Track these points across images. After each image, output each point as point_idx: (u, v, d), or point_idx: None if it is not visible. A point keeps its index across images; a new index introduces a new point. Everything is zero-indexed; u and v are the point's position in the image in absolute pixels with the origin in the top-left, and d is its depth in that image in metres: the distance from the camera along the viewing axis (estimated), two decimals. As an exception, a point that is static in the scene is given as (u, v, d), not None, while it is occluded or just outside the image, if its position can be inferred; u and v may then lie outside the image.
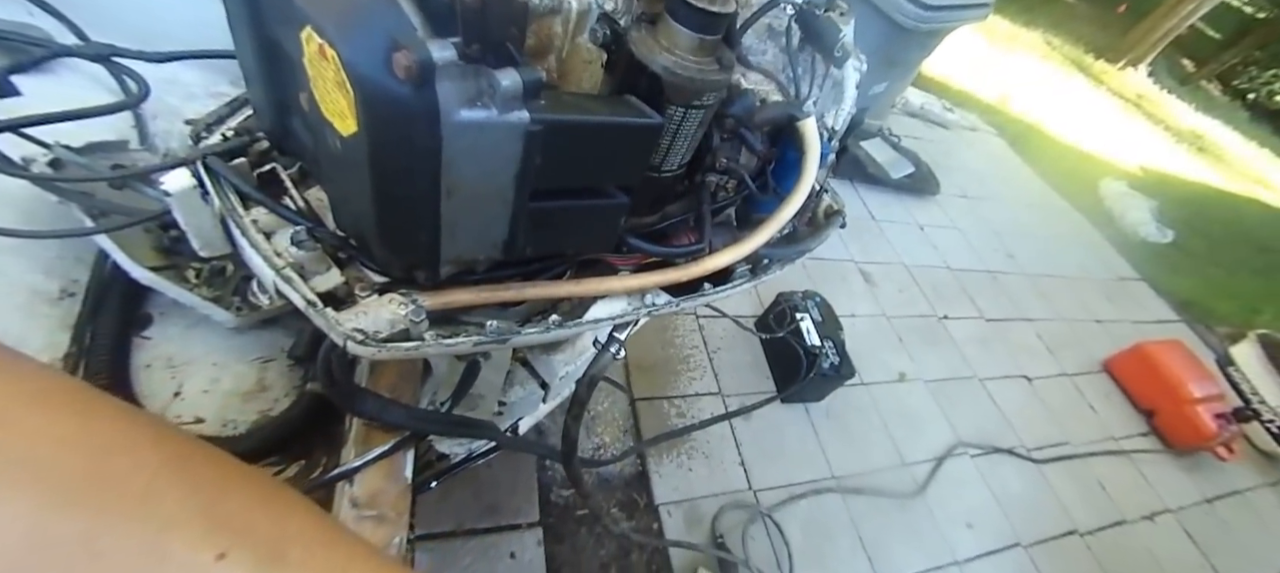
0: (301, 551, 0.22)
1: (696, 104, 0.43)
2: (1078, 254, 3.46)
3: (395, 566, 0.25)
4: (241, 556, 0.21)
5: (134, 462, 0.21)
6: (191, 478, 0.22)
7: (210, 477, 0.23)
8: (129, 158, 0.66)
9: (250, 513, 0.22)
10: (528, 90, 0.32)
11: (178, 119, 0.68)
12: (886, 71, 2.48)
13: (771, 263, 0.62)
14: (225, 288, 0.66)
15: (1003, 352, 2.54)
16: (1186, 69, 8.75)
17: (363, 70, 0.30)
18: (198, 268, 0.64)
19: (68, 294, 0.60)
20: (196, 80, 0.75)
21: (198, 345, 0.66)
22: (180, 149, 0.64)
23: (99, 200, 0.58)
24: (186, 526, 0.20)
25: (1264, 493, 2.56)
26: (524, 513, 1.40)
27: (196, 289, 0.63)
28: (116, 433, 0.21)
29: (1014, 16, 6.21)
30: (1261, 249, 4.82)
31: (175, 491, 0.21)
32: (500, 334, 0.46)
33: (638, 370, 1.76)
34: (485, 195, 0.37)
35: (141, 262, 0.58)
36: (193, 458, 0.23)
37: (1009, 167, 3.98)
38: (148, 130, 0.68)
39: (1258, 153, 7.39)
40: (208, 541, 0.20)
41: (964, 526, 1.86)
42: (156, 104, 0.65)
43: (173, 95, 0.71)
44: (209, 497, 0.22)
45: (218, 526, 0.21)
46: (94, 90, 0.67)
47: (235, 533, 0.21)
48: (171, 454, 0.22)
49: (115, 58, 0.64)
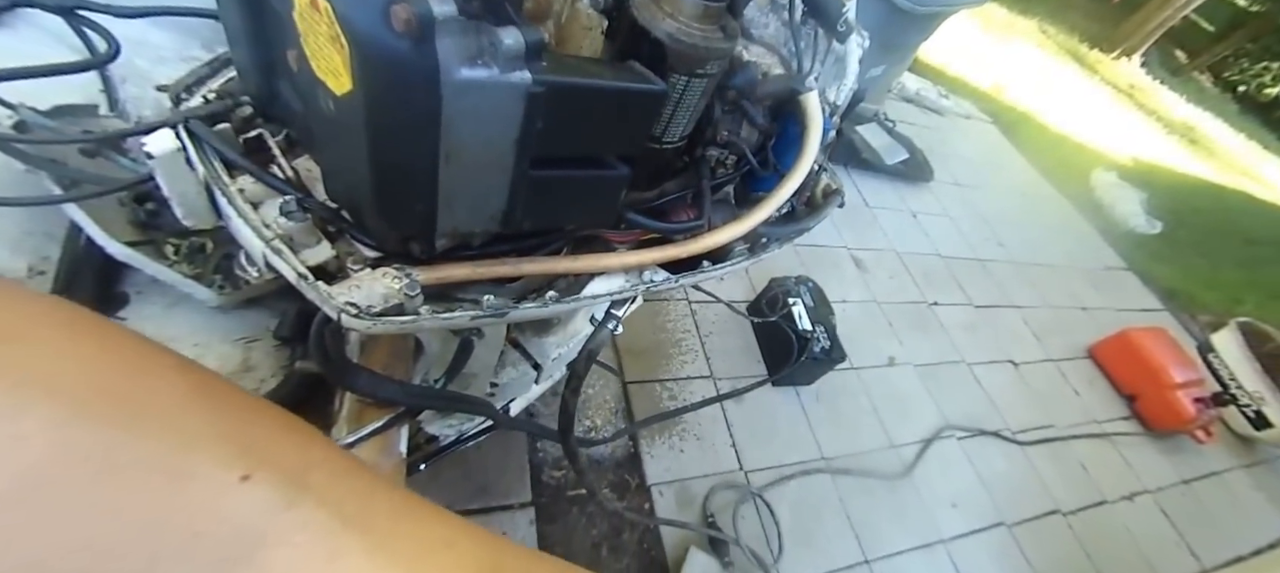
0: (324, 476, 0.22)
1: (700, 73, 0.42)
2: (1067, 243, 3.49)
3: (414, 497, 0.25)
4: (265, 478, 0.20)
5: (158, 382, 0.21)
6: (216, 402, 0.22)
7: (235, 403, 0.23)
8: (99, 124, 0.63)
9: (274, 439, 0.22)
10: (530, 50, 0.31)
11: (149, 84, 0.64)
12: (884, 55, 2.47)
13: (769, 241, 0.62)
14: (206, 265, 0.64)
15: (990, 338, 2.57)
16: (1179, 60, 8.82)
17: (359, 23, 0.29)
18: (177, 244, 0.62)
19: (37, 272, 0.57)
20: (167, 42, 0.71)
21: (178, 325, 0.64)
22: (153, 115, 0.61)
23: (70, 169, 0.55)
24: (211, 446, 0.20)
25: (1238, 474, 2.64)
26: (515, 494, 1.40)
27: (176, 266, 0.60)
28: (139, 356, 0.21)
29: (1010, 4, 6.21)
30: (1247, 241, 4.91)
31: (200, 412, 0.21)
32: (497, 309, 0.45)
33: (630, 354, 1.76)
34: (485, 162, 0.36)
35: (117, 236, 0.56)
36: (216, 385, 0.23)
37: (1002, 155, 3.99)
38: (117, 94, 0.65)
39: (1247, 145, 7.50)
40: (233, 462, 0.20)
41: (949, 505, 1.90)
42: (125, 67, 0.62)
43: (142, 58, 0.67)
44: (234, 421, 0.22)
45: (242, 449, 0.21)
46: (55, 47, 0.62)
47: (259, 457, 0.21)
48: (196, 380, 0.22)
49: (80, 10, 0.60)
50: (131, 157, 0.61)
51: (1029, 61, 5.68)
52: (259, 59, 0.48)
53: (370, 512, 0.22)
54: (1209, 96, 8.27)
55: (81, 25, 0.61)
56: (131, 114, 0.66)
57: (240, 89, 0.55)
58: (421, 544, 0.23)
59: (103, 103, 0.65)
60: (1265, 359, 2.73)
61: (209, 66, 0.59)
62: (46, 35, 0.63)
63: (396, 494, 0.24)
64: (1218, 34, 9.28)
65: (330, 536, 0.21)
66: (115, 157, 0.60)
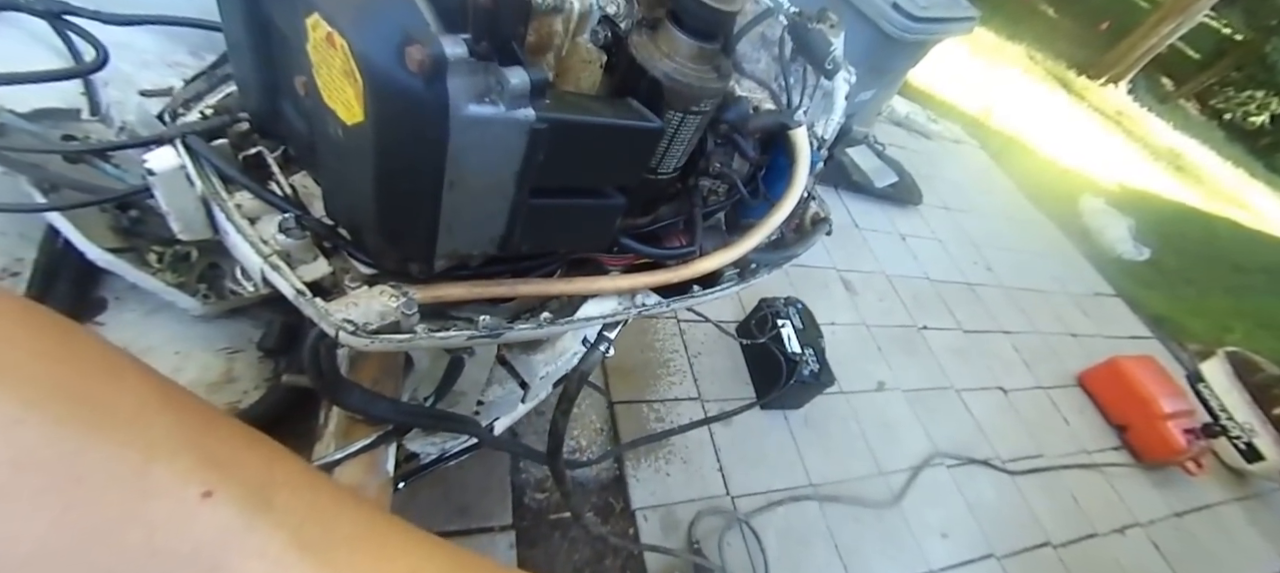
0: (288, 495, 0.22)
1: (694, 110, 0.45)
2: (1055, 268, 3.59)
3: (381, 513, 0.24)
4: (228, 495, 0.20)
5: (121, 386, 0.20)
6: (179, 410, 0.21)
7: (197, 412, 0.22)
8: (80, 128, 0.63)
9: (238, 453, 0.22)
10: (535, 88, 0.34)
11: (132, 88, 0.64)
12: (873, 80, 2.55)
13: (759, 267, 0.65)
14: (190, 274, 0.64)
15: (980, 363, 2.63)
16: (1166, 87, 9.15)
17: (375, 62, 0.32)
18: (160, 251, 0.63)
19: (10, 274, 0.58)
20: (152, 47, 0.72)
21: (158, 333, 0.64)
22: (137, 121, 0.62)
23: (51, 173, 0.56)
24: (174, 457, 0.19)
25: (1231, 507, 2.70)
26: (496, 516, 1.40)
27: (159, 274, 0.61)
28: (102, 357, 0.21)
29: (999, 29, 6.43)
30: (1235, 268, 5.08)
31: (163, 419, 0.20)
32: (493, 329, 0.48)
33: (617, 374, 1.78)
34: (486, 190, 0.39)
35: (99, 242, 0.57)
36: (178, 393, 0.22)
37: (990, 179, 4.11)
38: (100, 99, 0.65)
39: (1233, 172, 7.78)
40: (195, 475, 0.20)
41: (939, 535, 1.93)
42: (108, 71, 0.62)
43: (126, 62, 0.68)
44: (197, 431, 0.21)
45: (205, 461, 0.20)
46: (37, 50, 0.63)
47: (223, 471, 0.20)
48: (158, 386, 0.21)
49: (67, 16, 0.61)
50: (115, 163, 0.63)
51: (1017, 87, 5.88)
52: (263, 79, 0.50)
53: (330, 539, 0.22)
54: (1195, 124, 8.60)
55: (63, 30, 0.62)
56: (114, 119, 0.66)
57: (239, 105, 0.57)
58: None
59: (84, 106, 0.66)
60: (1255, 390, 2.79)
61: (206, 81, 0.61)
62: (30, 38, 0.64)
63: (362, 516, 0.24)
64: (1203, 62, 9.68)
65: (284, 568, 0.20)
66: (99, 163, 0.61)
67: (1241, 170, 7.94)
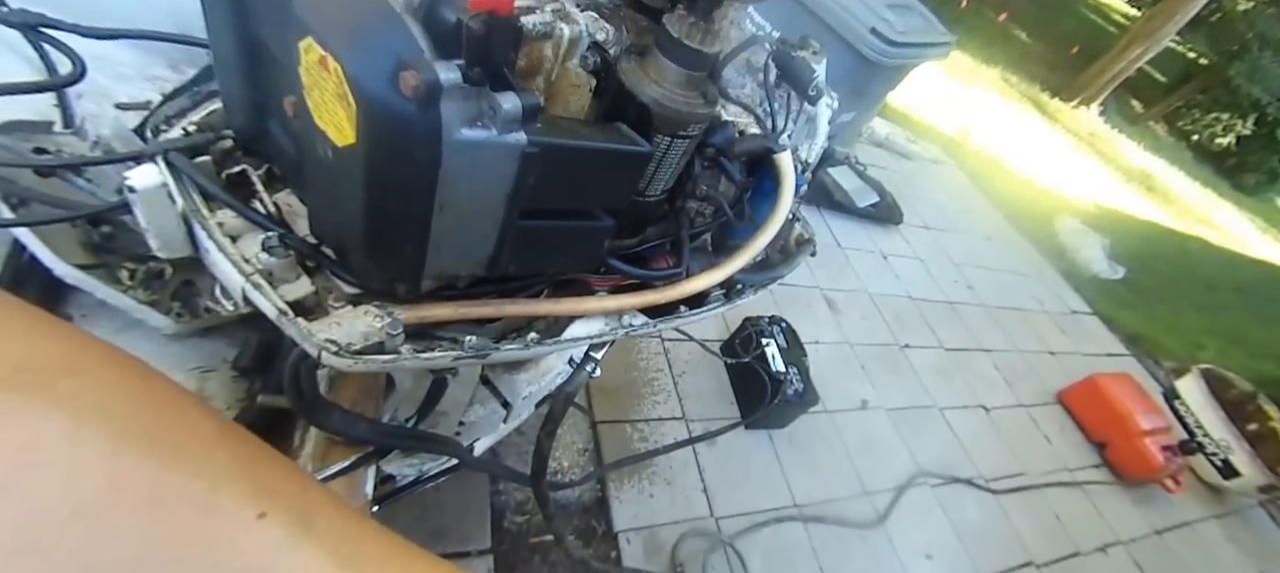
0: (326, 522, 0.25)
1: (682, 134, 0.47)
2: (1033, 287, 3.69)
3: (402, 543, 0.28)
4: (278, 517, 0.24)
5: (191, 423, 0.24)
6: (235, 444, 0.25)
7: (251, 446, 0.26)
8: (52, 141, 0.63)
9: (283, 482, 0.25)
10: (527, 113, 0.36)
11: (107, 101, 0.64)
12: (854, 102, 2.62)
13: (745, 288, 0.67)
14: (164, 291, 0.64)
15: (961, 381, 2.68)
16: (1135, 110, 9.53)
17: (369, 86, 0.33)
18: (132, 268, 0.62)
19: None
20: (130, 60, 0.71)
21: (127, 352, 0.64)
22: (113, 136, 0.61)
23: (20, 187, 0.55)
24: (235, 484, 0.23)
25: (1210, 525, 2.77)
26: (474, 540, 1.39)
27: (131, 291, 0.60)
28: (173, 397, 0.25)
29: (974, 53, 6.65)
30: (1206, 286, 5.26)
31: (224, 452, 0.24)
32: (479, 350, 0.48)
33: (601, 393, 1.78)
34: (477, 212, 0.40)
35: (68, 259, 0.56)
36: (234, 429, 0.26)
37: (968, 199, 4.23)
38: (74, 112, 0.65)
39: (1202, 192, 8.09)
40: (252, 500, 0.23)
41: (923, 556, 1.94)
42: (84, 83, 0.61)
43: (102, 74, 0.67)
44: (250, 462, 0.25)
45: (258, 488, 0.24)
46: (10, 60, 0.62)
47: (273, 497, 0.24)
48: (217, 423, 0.25)
49: (44, 27, 0.60)
50: (88, 178, 0.62)
51: (992, 109, 6.08)
52: (250, 97, 0.51)
53: (363, 557, 0.26)
54: (1165, 145, 8.94)
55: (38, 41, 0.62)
56: (89, 132, 0.66)
57: (223, 122, 0.58)
58: None
59: (57, 119, 0.66)
60: (1229, 406, 2.89)
61: (189, 97, 0.61)
62: (2, 47, 0.63)
63: (385, 539, 0.28)
64: (1170, 86, 10.11)
65: None
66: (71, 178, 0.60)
67: (1209, 190, 8.26)
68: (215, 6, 0.47)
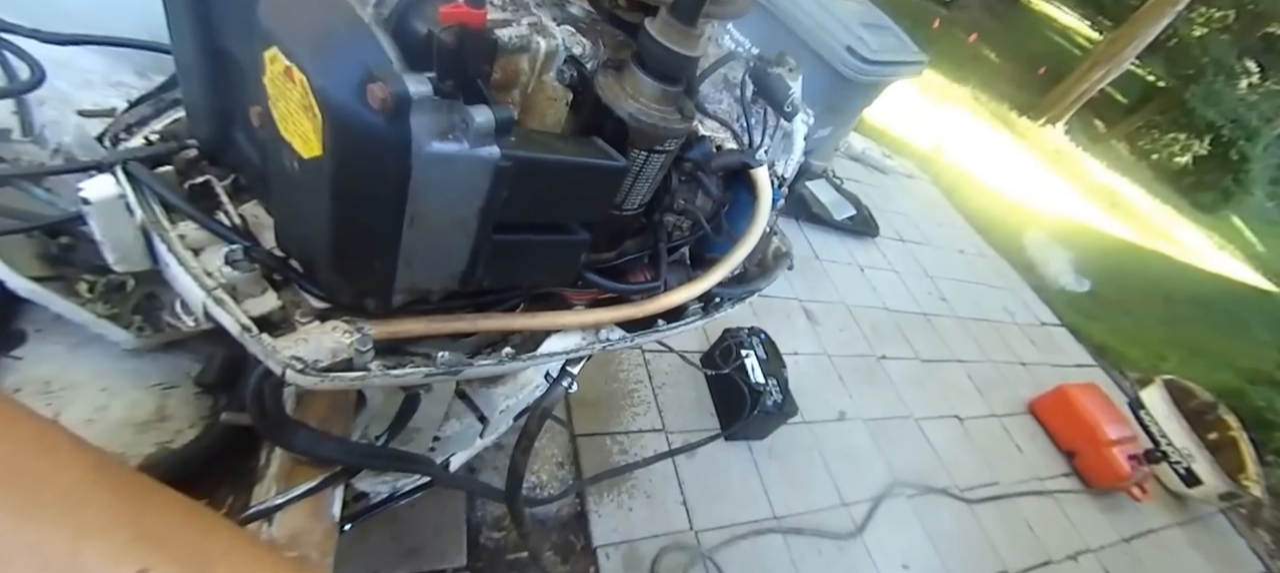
0: (227, 570, 0.22)
1: (659, 149, 0.46)
2: (1004, 299, 3.77)
3: None
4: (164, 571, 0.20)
5: (55, 462, 0.20)
6: (114, 485, 0.21)
7: (134, 486, 0.22)
8: (10, 149, 0.61)
9: (174, 527, 0.22)
10: (500, 127, 0.35)
11: (69, 108, 0.62)
12: (830, 118, 2.66)
13: (723, 301, 0.66)
14: (124, 305, 0.61)
15: (936, 392, 2.71)
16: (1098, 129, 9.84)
17: (335, 98, 0.32)
18: (92, 280, 0.60)
19: None
20: (94, 66, 0.69)
21: (83, 368, 0.61)
22: (74, 143, 0.59)
23: None
24: (107, 534, 0.20)
25: (1174, 532, 2.83)
26: (449, 557, 1.35)
27: (89, 305, 0.58)
28: (36, 432, 0.21)
29: (947, 72, 6.82)
30: (1166, 299, 5.43)
31: (98, 496, 0.20)
32: (452, 366, 0.47)
33: (580, 405, 1.76)
34: (448, 226, 0.39)
35: (22, 271, 0.54)
36: (114, 467, 0.22)
37: (941, 213, 4.31)
38: (33, 119, 0.63)
39: (1162, 209, 8.37)
40: (129, 552, 0.20)
41: (900, 566, 1.95)
42: (45, 89, 0.60)
43: (65, 80, 0.65)
44: (133, 507, 0.21)
45: (140, 536, 0.20)
46: None
47: (158, 547, 0.21)
48: (94, 461, 0.21)
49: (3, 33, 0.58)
50: (47, 187, 0.60)
51: (964, 126, 6.23)
52: (215, 106, 0.49)
53: None
54: (1126, 163, 9.24)
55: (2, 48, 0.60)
56: (49, 139, 0.63)
57: (187, 132, 0.56)
58: None
59: (16, 126, 0.63)
60: (1191, 416, 2.97)
61: (153, 105, 0.59)
62: None
63: None
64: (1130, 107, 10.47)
65: None
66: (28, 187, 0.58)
67: (1169, 207, 8.55)
68: (178, 13, 0.45)
